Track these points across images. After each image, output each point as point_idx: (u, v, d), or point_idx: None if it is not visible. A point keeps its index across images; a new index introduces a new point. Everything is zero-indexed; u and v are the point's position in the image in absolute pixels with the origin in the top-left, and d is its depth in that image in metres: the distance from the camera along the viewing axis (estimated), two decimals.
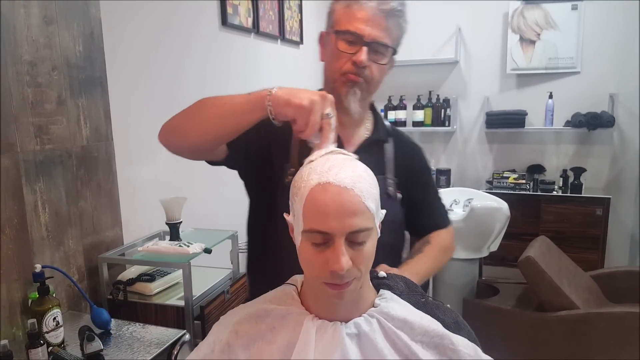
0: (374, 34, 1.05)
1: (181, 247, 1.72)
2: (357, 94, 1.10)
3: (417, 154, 1.29)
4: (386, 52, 1.08)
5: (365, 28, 1.05)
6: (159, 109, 2.15)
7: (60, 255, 1.62)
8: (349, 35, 1.06)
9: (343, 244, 0.73)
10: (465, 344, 0.83)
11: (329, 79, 1.13)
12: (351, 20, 1.06)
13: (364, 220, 0.75)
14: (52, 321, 1.36)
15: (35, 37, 1.51)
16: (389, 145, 1.21)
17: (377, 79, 1.11)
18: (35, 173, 1.52)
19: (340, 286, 0.75)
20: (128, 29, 1.95)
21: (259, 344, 0.83)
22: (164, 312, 1.71)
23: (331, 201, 0.73)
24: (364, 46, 1.05)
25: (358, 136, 1.18)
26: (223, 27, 2.61)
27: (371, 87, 1.12)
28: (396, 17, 1.08)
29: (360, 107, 1.12)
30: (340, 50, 1.08)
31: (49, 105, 1.56)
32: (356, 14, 1.06)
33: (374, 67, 1.08)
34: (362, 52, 1.05)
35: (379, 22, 1.05)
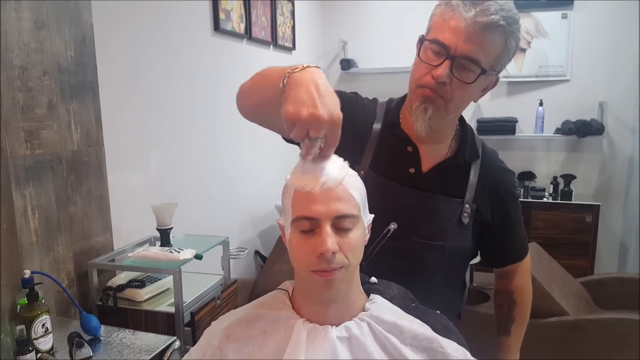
0: (463, 48, 0.94)
1: (172, 253, 1.72)
2: (427, 112, 1.00)
3: (505, 180, 1.16)
4: (475, 70, 0.95)
5: (454, 39, 0.94)
6: (150, 114, 2.15)
7: (50, 261, 1.61)
8: (435, 45, 0.97)
9: (329, 227, 0.75)
10: (454, 348, 0.83)
11: (409, 88, 1.05)
12: (442, 29, 0.96)
13: (349, 206, 0.77)
14: (41, 327, 1.35)
15: (27, 42, 1.50)
16: (475, 168, 1.10)
17: (458, 99, 0.99)
18: (25, 178, 1.51)
19: (328, 273, 0.76)
20: (120, 34, 1.95)
21: (250, 348, 0.83)
22: (154, 319, 1.69)
23: (316, 187, 0.75)
24: (447, 59, 0.95)
25: (437, 154, 1.09)
26: (215, 32, 2.62)
27: (450, 106, 1.00)
28: (497, 32, 0.94)
29: (433, 127, 1.02)
30: (422, 60, 0.99)
31: (40, 110, 1.55)
32: (449, 23, 0.95)
33: (456, 85, 0.96)
34: (442, 66, 0.95)
35: (472, 36, 0.93)
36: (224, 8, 2.65)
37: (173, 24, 2.28)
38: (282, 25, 3.42)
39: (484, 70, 0.96)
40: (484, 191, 1.11)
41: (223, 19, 2.64)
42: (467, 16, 0.92)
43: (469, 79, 0.96)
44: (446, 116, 1.03)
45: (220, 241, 1.98)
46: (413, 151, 1.08)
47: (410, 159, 1.08)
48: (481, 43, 0.94)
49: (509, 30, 0.95)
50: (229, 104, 3.11)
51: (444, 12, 0.97)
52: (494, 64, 0.98)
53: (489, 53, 0.96)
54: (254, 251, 3.27)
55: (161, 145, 2.23)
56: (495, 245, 1.19)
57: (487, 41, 0.94)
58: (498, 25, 0.93)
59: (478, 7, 0.92)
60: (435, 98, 0.99)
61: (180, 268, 1.65)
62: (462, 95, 0.99)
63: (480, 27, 0.92)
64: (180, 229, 2.06)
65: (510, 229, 1.19)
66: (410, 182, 1.07)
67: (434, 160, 1.09)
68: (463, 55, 0.94)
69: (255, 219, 3.21)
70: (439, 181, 1.07)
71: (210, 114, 2.62)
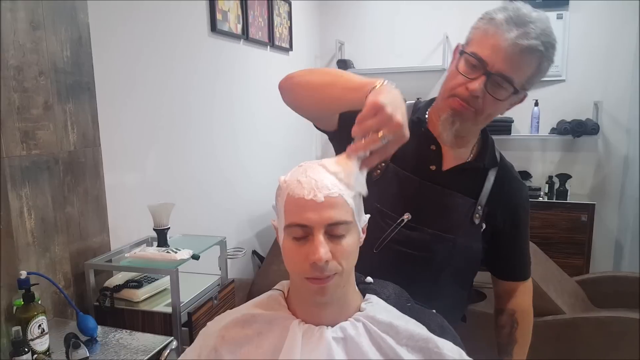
0: (500, 66, 0.97)
1: (169, 253, 1.72)
2: (454, 125, 1.05)
3: (519, 192, 1.21)
4: (508, 88, 1.00)
5: (492, 57, 0.97)
6: (147, 114, 2.14)
7: (46, 262, 1.61)
8: (474, 58, 1.00)
9: (322, 236, 0.74)
10: (449, 348, 0.84)
11: (440, 93, 1.09)
12: (483, 45, 0.99)
13: (343, 213, 0.76)
14: (37, 328, 1.35)
15: (22, 42, 1.50)
16: (492, 174, 1.14)
17: (488, 113, 1.04)
18: (21, 179, 1.50)
19: (321, 280, 0.76)
20: (116, 34, 1.95)
21: (246, 348, 0.83)
22: (151, 319, 1.69)
23: (309, 194, 0.75)
24: (483, 75, 0.99)
25: (459, 157, 1.13)
26: (212, 33, 2.62)
27: (480, 118, 1.05)
28: (535, 55, 0.97)
29: (458, 134, 1.07)
30: (459, 71, 1.03)
31: (36, 111, 1.55)
32: (490, 40, 0.98)
33: (488, 100, 1.01)
34: (478, 81, 0.99)
35: (511, 56, 0.96)
36: (220, 9, 2.65)
37: (170, 25, 2.28)
38: (279, 26, 3.42)
39: (516, 90, 1.00)
40: (499, 198, 1.14)
41: (220, 20, 2.64)
42: (509, 37, 0.96)
43: (501, 96, 1.01)
44: (473, 127, 1.09)
45: (217, 241, 1.98)
46: (436, 150, 1.12)
47: (433, 157, 1.13)
48: (518, 64, 0.98)
49: (546, 55, 0.99)
50: (226, 104, 3.13)
51: (487, 28, 1.00)
52: (526, 84, 1.02)
53: (523, 73, 1.00)
54: (252, 251, 3.27)
55: (158, 146, 2.23)
56: (502, 255, 1.22)
57: (524, 63, 0.98)
58: (537, 49, 0.96)
59: (520, 29, 0.96)
60: (464, 111, 1.03)
61: (177, 268, 1.65)
62: (492, 109, 1.04)
63: (520, 49, 0.96)
64: (177, 229, 2.06)
65: (518, 242, 1.23)
66: (429, 178, 1.11)
67: (455, 162, 1.13)
68: (499, 73, 0.98)
69: (252, 219, 3.21)
70: (457, 181, 1.12)
71: (207, 115, 2.62)
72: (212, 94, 2.66)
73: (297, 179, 0.77)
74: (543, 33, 0.97)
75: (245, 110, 3.05)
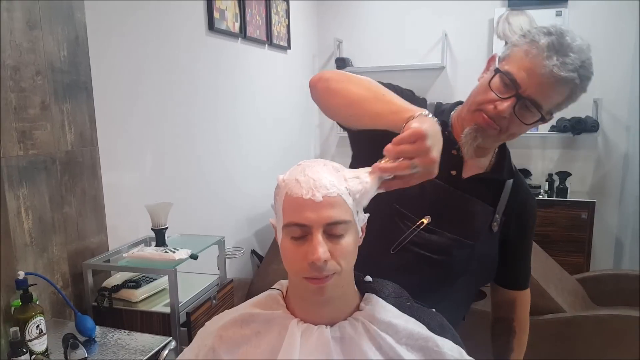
0: (532, 91, 0.96)
1: (167, 253, 1.71)
2: (476, 141, 1.04)
3: (529, 204, 1.22)
4: (536, 113, 0.99)
5: (527, 81, 0.96)
6: (144, 114, 2.14)
7: (44, 262, 1.60)
8: (508, 78, 0.98)
9: (320, 235, 0.74)
10: (450, 347, 0.83)
11: (468, 104, 1.08)
12: (519, 66, 0.97)
13: (342, 212, 0.75)
14: (35, 329, 1.34)
15: (19, 42, 1.49)
16: (508, 185, 1.15)
17: (511, 133, 1.03)
18: (18, 179, 1.50)
19: (320, 280, 0.75)
20: (113, 34, 1.94)
21: (244, 348, 0.82)
22: (150, 319, 1.69)
23: (307, 193, 0.74)
24: (514, 97, 0.97)
25: (478, 166, 1.13)
26: (210, 32, 2.61)
27: (503, 136, 1.04)
28: (569, 86, 0.96)
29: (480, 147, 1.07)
30: (491, 88, 1.01)
31: (33, 111, 1.54)
32: (527, 63, 0.96)
33: (514, 122, 1.00)
34: (508, 102, 0.98)
35: (545, 84, 0.95)
36: (218, 7, 2.64)
37: (167, 23, 2.27)
38: (277, 24, 3.41)
39: (543, 118, 1.00)
40: (512, 207, 1.15)
41: (217, 18, 2.63)
42: (547, 64, 0.94)
43: (528, 120, 1.00)
44: (495, 142, 1.10)
45: (215, 241, 1.98)
46: (457, 155, 1.11)
47: (454, 161, 1.12)
48: (550, 92, 0.97)
49: (580, 86, 0.98)
50: (224, 103, 3.11)
51: (529, 49, 0.98)
52: (554, 109, 1.02)
53: (554, 101, 0.99)
54: (250, 250, 3.26)
55: (156, 145, 2.22)
56: (508, 263, 1.21)
57: (556, 92, 0.97)
58: (572, 82, 0.95)
59: (561, 58, 0.94)
60: (488, 128, 1.02)
61: (175, 268, 1.64)
62: (517, 130, 1.03)
63: (556, 79, 0.95)
64: (175, 229, 2.06)
65: (523, 251, 1.24)
66: (450, 183, 1.11)
67: (475, 170, 1.13)
68: (530, 98, 0.97)
69: (251, 218, 3.21)
70: (476, 189, 1.12)
71: (205, 114, 2.62)
72: (210, 93, 2.65)
73: (295, 178, 0.77)
74: (582, 65, 0.96)
75: (244, 109, 3.04)
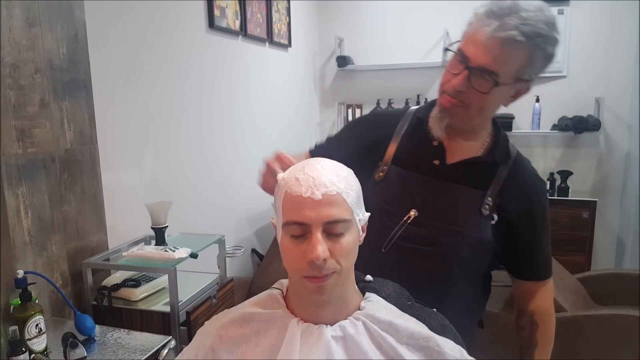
0: (481, 60, 0.99)
1: (167, 252, 1.70)
2: (443, 121, 1.08)
3: (534, 188, 1.17)
4: (491, 79, 0.99)
5: (473, 52, 0.99)
6: (144, 112, 2.13)
7: (44, 261, 1.59)
8: (459, 55, 1.02)
9: (320, 234, 0.74)
10: (450, 346, 0.83)
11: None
12: (467, 41, 1.02)
13: (341, 211, 0.75)
14: (34, 328, 1.33)
15: (18, 39, 1.48)
16: (504, 168, 1.13)
17: (477, 106, 1.04)
18: (17, 177, 1.49)
19: (319, 279, 0.75)
20: (113, 31, 1.93)
21: (244, 347, 0.82)
22: (150, 318, 1.68)
23: (306, 191, 0.74)
24: (465, 70, 1.01)
25: (468, 150, 1.13)
26: (210, 29, 2.60)
27: (471, 112, 1.05)
28: (516, 47, 0.96)
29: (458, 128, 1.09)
30: (447, 68, 1.06)
31: (32, 108, 1.54)
32: (473, 36, 1.00)
33: (474, 94, 1.02)
34: (460, 76, 1.02)
35: (490, 49, 0.97)
36: (218, 5, 2.63)
37: (167, 21, 2.26)
38: (278, 22, 3.40)
39: (498, 83, 1.00)
40: (512, 191, 1.12)
41: (218, 16, 2.63)
42: (487, 30, 0.97)
43: (485, 88, 1.00)
44: (469, 121, 1.08)
45: (215, 239, 1.97)
46: (439, 145, 1.13)
47: (436, 152, 1.13)
48: (499, 56, 0.97)
49: (532, 44, 0.97)
50: (224, 101, 3.11)
51: (472, 23, 1.02)
52: (519, 74, 1.01)
53: (509, 65, 0.99)
54: (251, 249, 3.26)
55: (156, 143, 2.22)
56: (520, 253, 1.18)
57: (506, 55, 0.97)
58: (515, 40, 0.95)
59: (499, 21, 0.96)
60: (452, 106, 1.05)
61: (175, 267, 1.64)
62: (481, 102, 1.03)
63: (498, 42, 0.96)
64: (175, 227, 2.05)
65: (536, 240, 1.18)
66: (433, 173, 1.12)
67: (462, 155, 1.13)
68: (480, 67, 0.99)
69: (251, 217, 3.20)
70: (463, 174, 1.12)
71: (205, 112, 2.61)
72: (210, 90, 2.65)
73: (295, 176, 0.77)
74: (525, 23, 0.95)
75: (244, 107, 3.03)
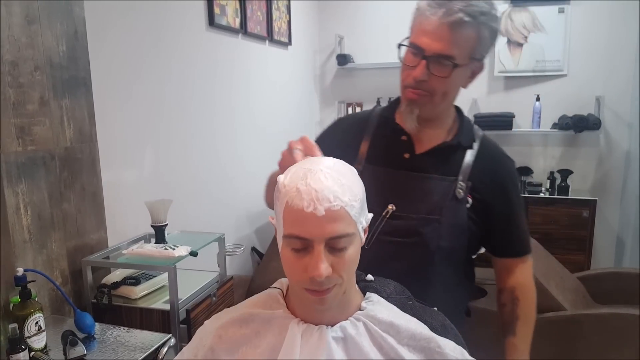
0: (435, 48, 1.04)
1: (167, 250, 1.70)
2: (414, 113, 1.12)
3: (503, 166, 1.21)
4: (450, 63, 1.04)
5: (426, 41, 1.04)
6: (144, 110, 2.13)
7: (43, 259, 1.59)
8: (413, 48, 1.08)
9: (322, 250, 0.71)
10: (452, 347, 0.82)
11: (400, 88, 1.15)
12: (417, 33, 1.07)
13: (344, 225, 0.73)
14: (34, 326, 1.33)
15: (17, 37, 1.48)
16: (472, 151, 1.17)
17: (440, 92, 1.09)
18: (17, 175, 1.49)
19: (320, 292, 0.74)
20: (113, 29, 1.92)
21: (243, 348, 0.81)
22: (149, 316, 1.68)
23: (309, 206, 0.71)
24: (423, 60, 1.05)
25: (434, 138, 1.17)
26: (210, 27, 2.60)
27: (436, 98, 1.09)
28: (465, 27, 1.02)
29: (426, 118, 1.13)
30: (404, 63, 1.10)
31: (32, 106, 1.53)
32: (421, 26, 1.06)
33: (435, 80, 1.06)
34: (419, 67, 1.06)
35: (442, 35, 1.03)
36: (218, 3, 2.62)
37: (167, 19, 2.26)
38: (278, 20, 3.39)
39: (457, 65, 1.05)
40: (483, 172, 1.16)
41: (218, 14, 2.62)
42: (434, 18, 1.03)
43: (445, 73, 1.05)
44: (436, 107, 1.13)
45: (215, 238, 1.97)
46: (407, 139, 1.18)
47: (405, 146, 1.18)
48: (451, 40, 1.03)
49: (479, 22, 1.03)
50: (224, 99, 3.10)
51: (417, 16, 1.08)
52: (472, 54, 1.07)
53: (462, 47, 1.04)
54: (251, 248, 3.26)
55: (156, 141, 2.21)
56: (497, 231, 1.21)
57: (457, 37, 1.03)
58: (463, 22, 1.01)
59: (443, 7, 1.02)
60: (418, 97, 1.10)
61: (175, 265, 1.63)
62: (444, 87, 1.08)
63: (447, 27, 1.02)
64: (175, 225, 2.05)
65: (512, 217, 1.22)
66: (404, 166, 1.17)
67: (430, 144, 1.17)
68: (436, 54, 1.04)
69: (251, 215, 3.20)
70: (434, 162, 1.16)
71: (205, 110, 2.60)
72: (210, 89, 2.64)
73: (296, 186, 0.73)
74: (468, 5, 1.01)
75: (244, 106, 3.03)
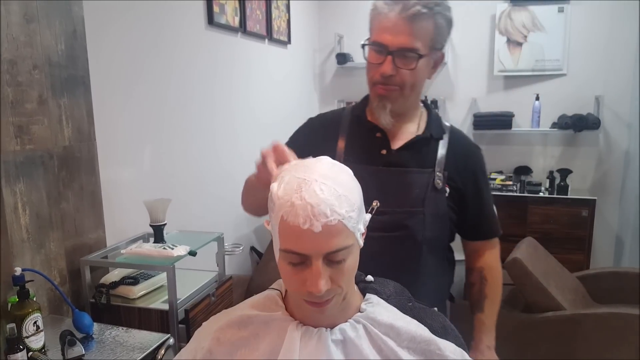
0: (398, 42, 1.08)
1: (165, 249, 1.70)
2: (386, 108, 1.15)
3: (473, 154, 1.30)
4: (414, 56, 1.09)
5: (389, 37, 1.08)
6: (143, 109, 2.12)
7: (42, 258, 1.59)
8: (376, 46, 1.12)
9: (321, 265, 0.70)
10: (452, 349, 0.82)
11: (368, 87, 1.20)
12: (378, 31, 1.11)
13: (342, 238, 0.71)
14: (32, 325, 1.33)
15: (16, 35, 1.47)
16: (443, 142, 1.23)
17: (410, 83, 1.13)
18: (15, 174, 1.48)
19: (320, 304, 0.74)
20: (112, 28, 1.92)
21: (242, 351, 0.81)
22: (148, 316, 1.68)
23: (305, 223, 0.68)
24: (388, 55, 1.09)
25: (407, 133, 1.22)
26: (209, 26, 2.59)
27: (405, 91, 1.14)
28: (422, 19, 1.07)
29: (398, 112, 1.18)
30: (370, 62, 1.14)
31: (30, 105, 1.53)
32: (381, 24, 1.10)
33: (403, 73, 1.11)
34: (385, 63, 1.10)
35: (403, 29, 1.07)
36: (218, 1, 2.62)
37: (166, 17, 2.25)
38: (277, 19, 3.38)
39: (421, 56, 1.10)
40: (455, 161, 1.22)
41: (217, 13, 2.61)
42: (393, 14, 1.07)
43: (411, 65, 1.10)
44: (406, 100, 1.18)
45: (214, 237, 1.96)
46: (382, 136, 1.22)
47: (381, 142, 1.22)
48: (412, 33, 1.08)
49: (434, 12, 1.08)
50: (224, 98, 3.10)
51: (374, 15, 1.12)
52: (432, 44, 1.12)
53: (423, 38, 1.09)
54: (250, 247, 3.25)
55: (154, 141, 2.21)
56: (469, 216, 1.27)
57: (417, 29, 1.08)
58: (420, 13, 1.06)
59: (400, 4, 1.07)
60: (388, 93, 1.14)
61: (174, 265, 1.63)
62: (412, 79, 1.13)
63: (406, 20, 1.07)
64: (174, 225, 2.04)
65: (482, 201, 1.29)
66: (383, 162, 1.21)
67: (404, 138, 1.22)
68: (400, 48, 1.09)
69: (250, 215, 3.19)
70: (411, 156, 1.20)
71: (204, 109, 2.60)
72: (209, 87, 2.64)
73: (291, 200, 0.70)
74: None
75: (243, 104, 3.02)
